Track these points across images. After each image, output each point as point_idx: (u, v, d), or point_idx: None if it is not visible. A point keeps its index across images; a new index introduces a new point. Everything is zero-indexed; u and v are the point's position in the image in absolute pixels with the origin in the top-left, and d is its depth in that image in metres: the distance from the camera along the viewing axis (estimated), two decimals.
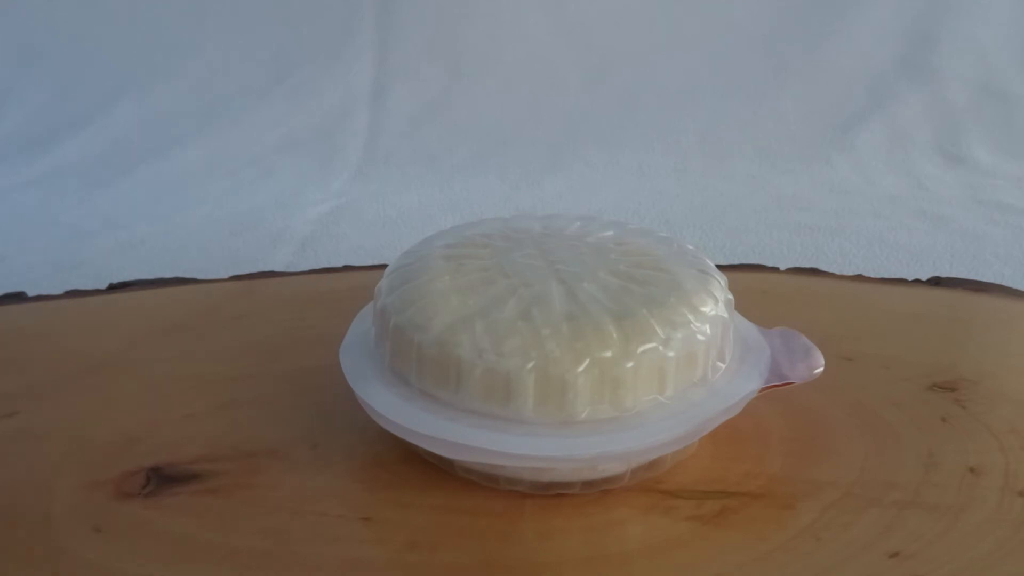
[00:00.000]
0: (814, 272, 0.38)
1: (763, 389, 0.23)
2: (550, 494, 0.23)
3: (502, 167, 0.70)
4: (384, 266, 0.26)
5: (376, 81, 0.78)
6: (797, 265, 0.39)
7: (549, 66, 0.80)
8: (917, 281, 0.36)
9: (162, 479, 0.24)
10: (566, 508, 0.22)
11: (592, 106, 0.77)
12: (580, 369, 0.21)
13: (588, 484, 0.22)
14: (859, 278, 0.37)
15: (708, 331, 0.22)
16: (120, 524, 0.22)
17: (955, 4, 0.78)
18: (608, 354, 0.21)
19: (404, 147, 0.74)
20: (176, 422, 0.26)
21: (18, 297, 0.35)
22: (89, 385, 0.28)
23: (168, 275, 0.38)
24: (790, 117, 0.74)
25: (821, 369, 0.24)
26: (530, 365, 0.21)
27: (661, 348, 0.21)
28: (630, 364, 0.21)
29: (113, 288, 0.36)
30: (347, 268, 0.39)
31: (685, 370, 0.22)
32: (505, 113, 0.76)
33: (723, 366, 0.23)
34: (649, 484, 0.23)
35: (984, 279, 0.37)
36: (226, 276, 0.38)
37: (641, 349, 0.21)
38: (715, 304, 0.23)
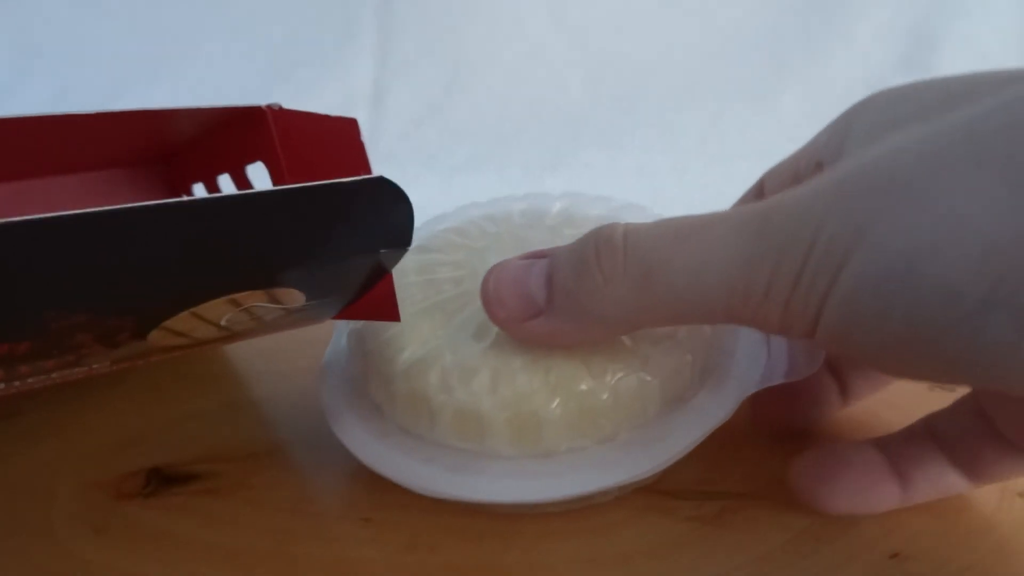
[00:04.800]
0: None
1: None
2: None
3: (502, 167, 0.70)
4: None
5: (376, 81, 0.78)
6: None
7: (549, 66, 0.80)
8: None
9: (162, 479, 0.24)
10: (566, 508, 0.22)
11: (592, 106, 0.77)
12: (554, 406, 0.20)
13: (580, 500, 0.22)
14: None
15: (692, 343, 0.21)
16: (120, 524, 0.22)
17: (955, 4, 0.78)
18: (583, 387, 0.20)
19: (404, 147, 0.73)
20: (176, 422, 0.26)
21: None
22: (89, 385, 0.28)
23: None
24: (790, 117, 0.74)
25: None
26: (501, 403, 0.20)
27: (639, 375, 0.20)
28: (605, 396, 0.20)
29: None
30: None
31: (670, 387, 0.21)
32: (505, 113, 0.76)
33: (715, 368, 0.22)
34: (648, 485, 0.23)
35: None
36: None
37: (617, 377, 0.20)
38: None
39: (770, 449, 0.25)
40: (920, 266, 0.14)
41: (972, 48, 0.77)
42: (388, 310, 0.21)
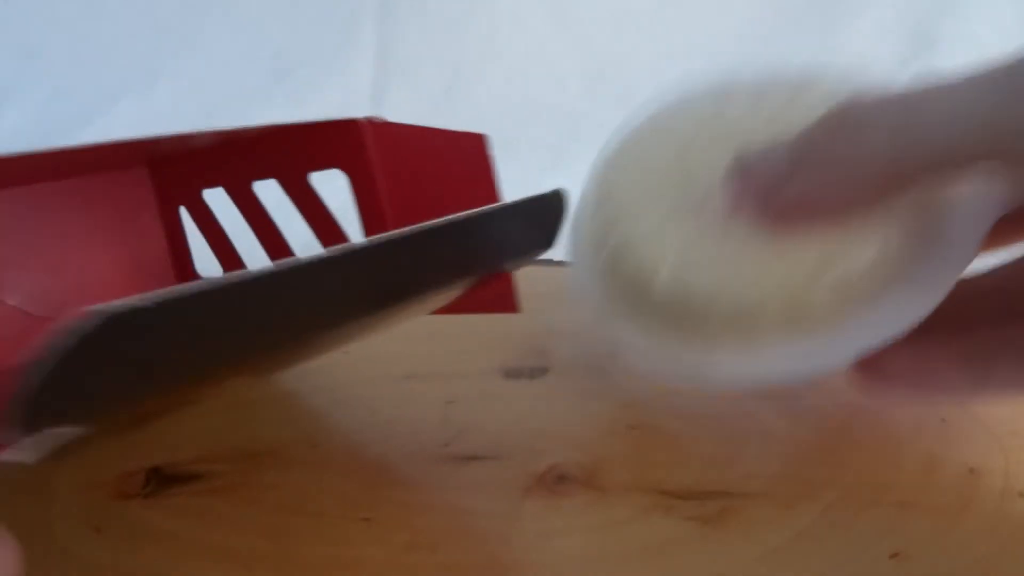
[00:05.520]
0: None
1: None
2: (552, 492, 0.23)
3: (502, 167, 0.70)
4: None
5: (376, 81, 0.78)
6: None
7: (549, 66, 0.80)
8: None
9: (162, 479, 0.24)
10: (566, 508, 0.22)
11: (592, 106, 0.77)
12: (820, 287, 0.20)
13: None
14: None
15: (928, 197, 0.20)
16: (120, 524, 0.22)
17: (955, 4, 0.78)
18: (847, 259, 0.20)
19: None
20: (176, 422, 0.26)
21: None
22: None
23: None
24: None
25: None
26: (768, 295, 0.20)
27: (893, 238, 0.20)
28: (865, 258, 0.20)
29: None
30: None
31: (924, 224, 0.20)
32: (505, 113, 0.76)
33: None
34: (649, 484, 0.23)
35: None
36: None
37: (874, 239, 0.20)
38: None
39: (770, 449, 0.25)
40: None
41: (972, 48, 0.77)
42: (507, 303, 0.22)
